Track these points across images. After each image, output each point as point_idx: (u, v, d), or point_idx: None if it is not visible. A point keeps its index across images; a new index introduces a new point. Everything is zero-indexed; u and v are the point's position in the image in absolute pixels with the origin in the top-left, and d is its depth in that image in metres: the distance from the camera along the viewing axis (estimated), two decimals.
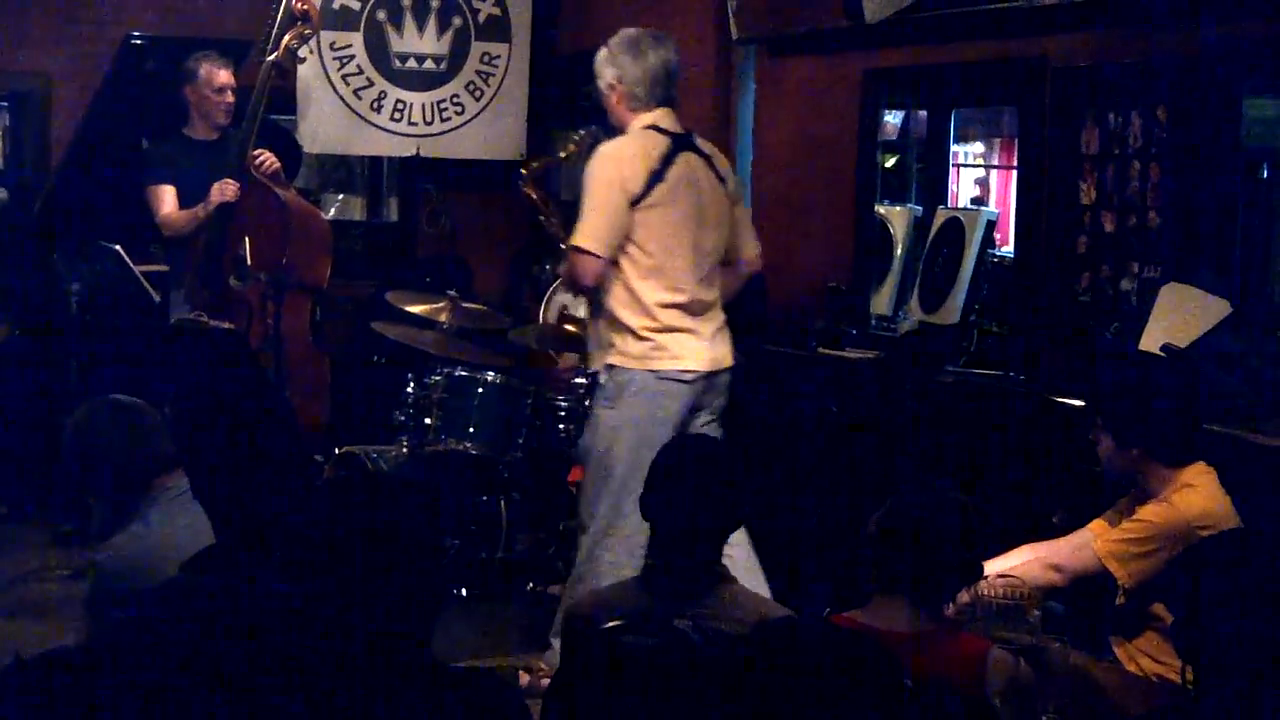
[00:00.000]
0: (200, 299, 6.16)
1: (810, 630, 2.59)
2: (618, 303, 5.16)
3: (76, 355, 6.52)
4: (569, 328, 6.33)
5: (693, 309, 5.18)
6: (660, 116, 5.26)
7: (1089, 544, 4.08)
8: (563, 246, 5.27)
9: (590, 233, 5.08)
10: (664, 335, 5.14)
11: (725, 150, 7.52)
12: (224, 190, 6.26)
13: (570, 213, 8.39)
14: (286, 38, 6.26)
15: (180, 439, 3.34)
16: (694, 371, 5.16)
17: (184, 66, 6.65)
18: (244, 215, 6.27)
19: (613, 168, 5.14)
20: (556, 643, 4.95)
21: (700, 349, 5.19)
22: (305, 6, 6.20)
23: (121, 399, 3.81)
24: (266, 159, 6.35)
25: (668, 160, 5.16)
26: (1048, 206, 5.89)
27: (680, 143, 5.23)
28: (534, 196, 5.50)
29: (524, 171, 5.54)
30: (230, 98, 6.58)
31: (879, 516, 3.41)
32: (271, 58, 6.37)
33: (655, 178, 5.12)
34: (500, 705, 2.61)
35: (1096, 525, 4.15)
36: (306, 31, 6.35)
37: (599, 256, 5.07)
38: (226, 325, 5.65)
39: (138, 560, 3.37)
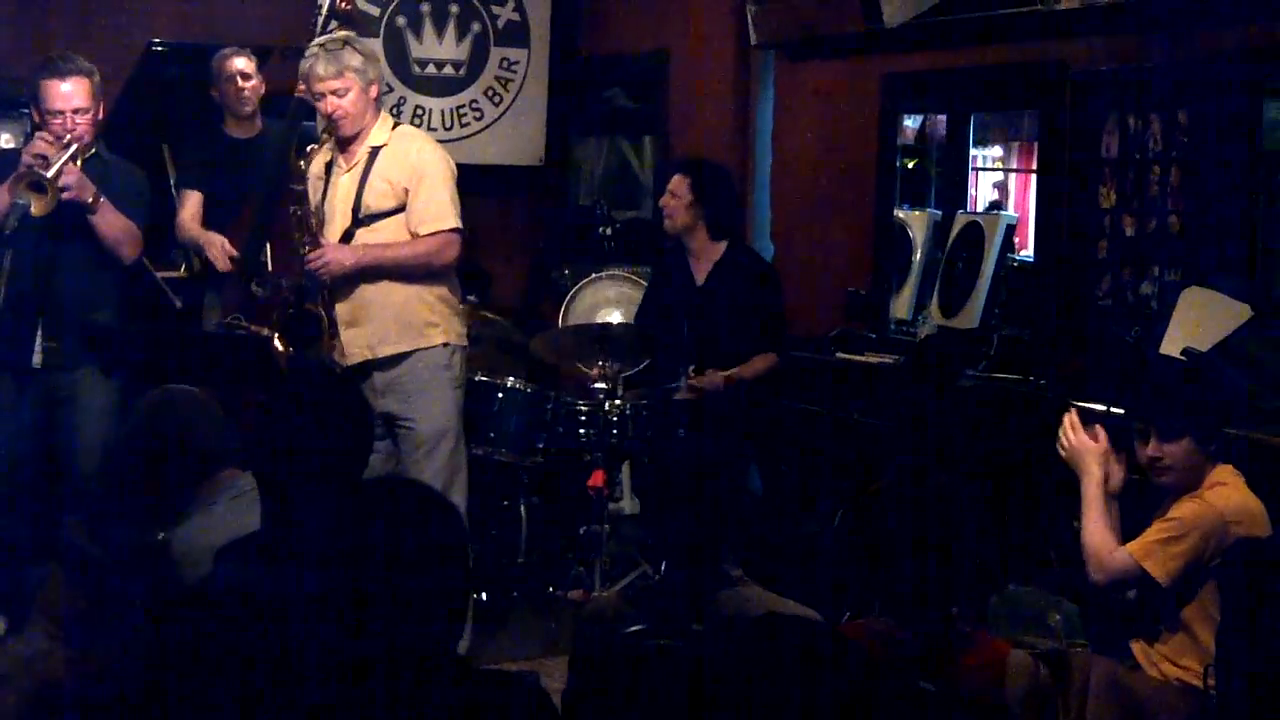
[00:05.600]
0: (236, 303, 6.16)
1: (820, 632, 2.58)
2: (450, 284, 5.63)
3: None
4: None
5: None
6: None
7: (1125, 547, 4.07)
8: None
9: (458, 214, 5.55)
10: None
11: (744, 155, 7.56)
12: (217, 258, 6.26)
13: (586, 215, 8.48)
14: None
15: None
16: None
17: (208, 68, 6.66)
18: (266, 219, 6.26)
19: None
20: None
21: None
22: (348, 7, 6.19)
23: (193, 389, 3.87)
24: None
25: None
26: (1068, 210, 5.88)
27: None
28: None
29: (302, 164, 5.55)
30: (246, 84, 6.55)
31: (893, 519, 3.41)
32: None
33: None
34: (530, 706, 2.62)
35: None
36: (350, 31, 6.32)
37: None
38: (264, 330, 5.66)
39: (202, 550, 3.37)
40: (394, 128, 5.61)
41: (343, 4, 6.10)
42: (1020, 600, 4.65)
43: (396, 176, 5.46)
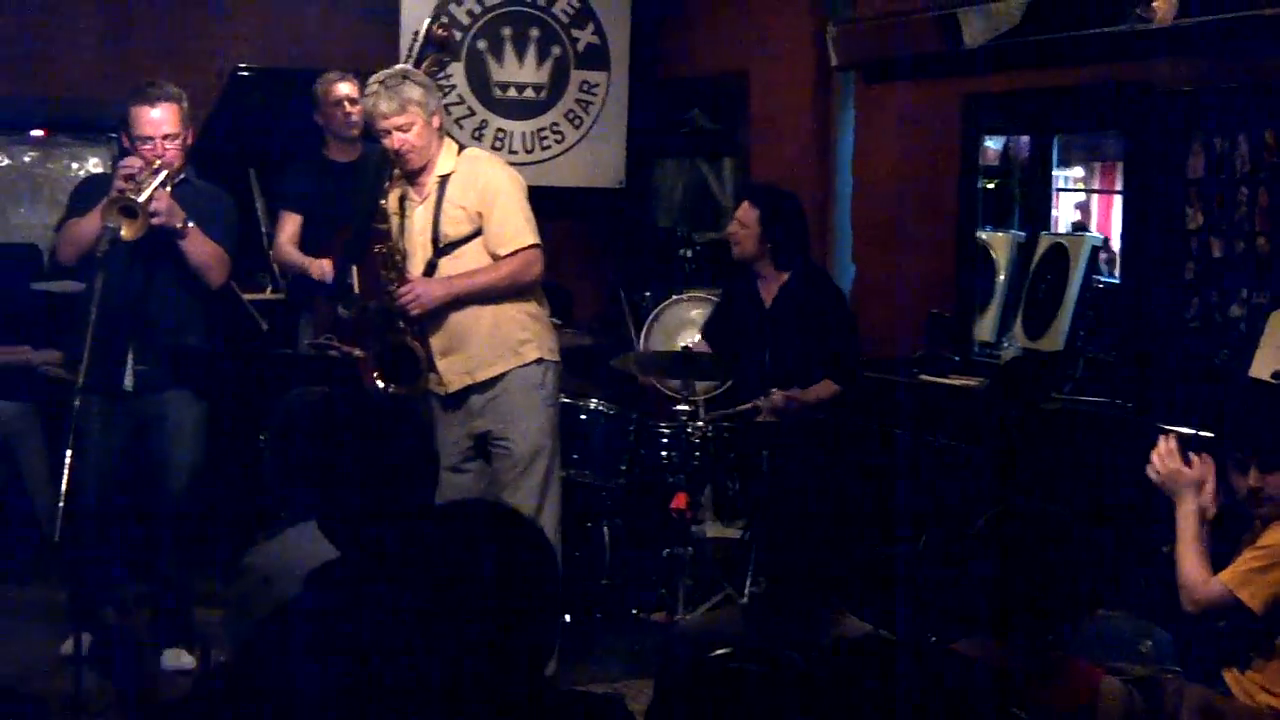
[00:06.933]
0: (330, 325, 6.21)
1: (917, 656, 2.57)
2: (538, 299, 5.68)
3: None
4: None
5: None
6: None
7: (1218, 576, 4.02)
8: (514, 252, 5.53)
9: (535, 229, 5.55)
10: None
11: (825, 177, 7.55)
12: (322, 270, 6.36)
13: (667, 236, 8.50)
14: (425, 63, 6.28)
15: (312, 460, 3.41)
16: None
17: (311, 92, 6.72)
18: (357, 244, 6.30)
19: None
20: None
21: None
22: (445, 33, 6.23)
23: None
24: None
25: None
26: (1154, 232, 5.83)
27: None
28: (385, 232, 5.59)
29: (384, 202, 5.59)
30: (353, 109, 6.61)
31: (985, 544, 3.39)
32: None
33: None
34: None
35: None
36: (445, 58, 6.37)
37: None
38: (357, 352, 5.71)
39: (289, 569, 3.38)
40: (459, 152, 5.64)
41: (439, 31, 6.14)
42: (1110, 626, 4.60)
43: (468, 201, 5.49)
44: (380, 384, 5.55)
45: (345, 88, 6.64)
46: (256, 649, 2.85)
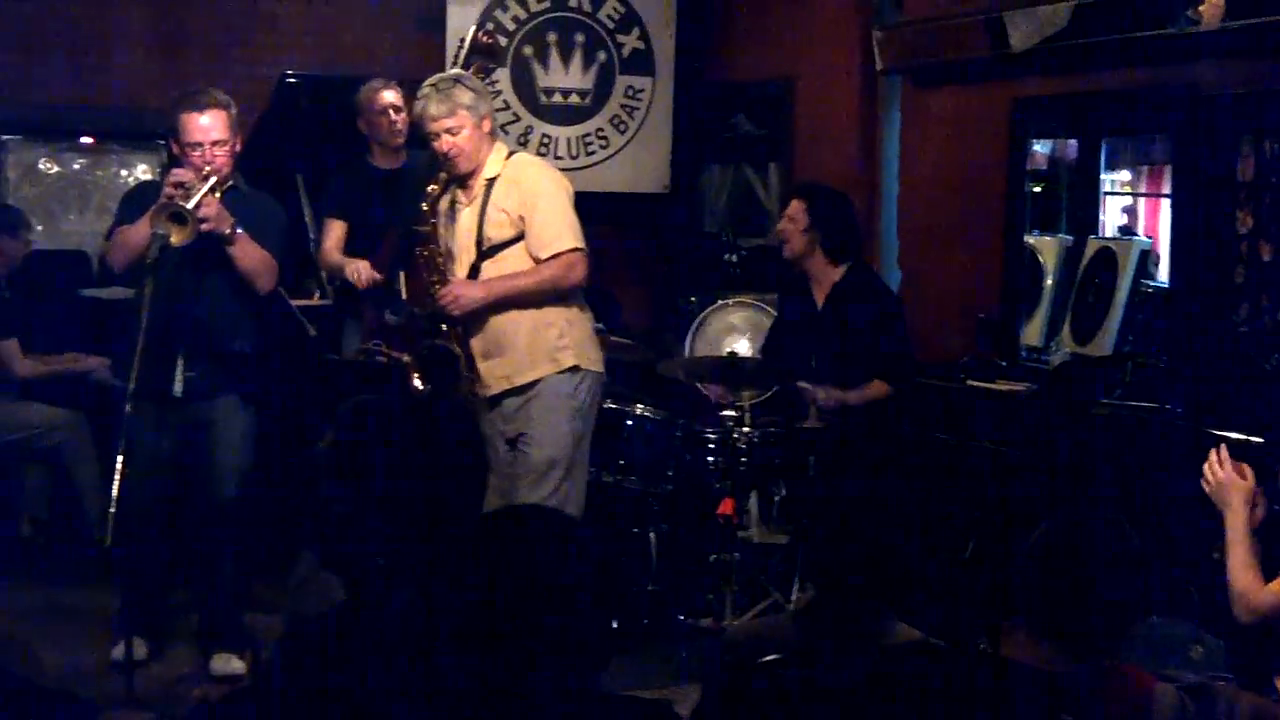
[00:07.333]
0: (378, 331, 6.24)
1: (967, 663, 2.56)
2: (579, 306, 5.66)
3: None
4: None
5: None
6: None
7: (1270, 586, 4.00)
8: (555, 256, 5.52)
9: (578, 234, 5.55)
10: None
11: (871, 182, 7.53)
12: (358, 273, 6.37)
13: (712, 242, 8.49)
14: (471, 70, 6.30)
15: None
16: None
17: (354, 100, 6.75)
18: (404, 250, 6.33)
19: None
20: None
21: None
22: (490, 40, 6.26)
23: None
24: None
25: None
26: (1203, 236, 5.80)
27: None
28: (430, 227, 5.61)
29: (426, 206, 5.59)
30: (398, 117, 6.64)
31: (1034, 550, 3.37)
32: None
33: None
34: None
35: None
36: (490, 65, 6.39)
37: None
38: (405, 357, 5.73)
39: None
40: (509, 156, 5.66)
41: (484, 38, 6.16)
42: (1160, 632, 4.57)
43: (511, 205, 5.51)
44: (419, 385, 5.57)
45: (389, 95, 6.66)
46: (309, 647, 2.86)
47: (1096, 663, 3.25)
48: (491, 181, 5.55)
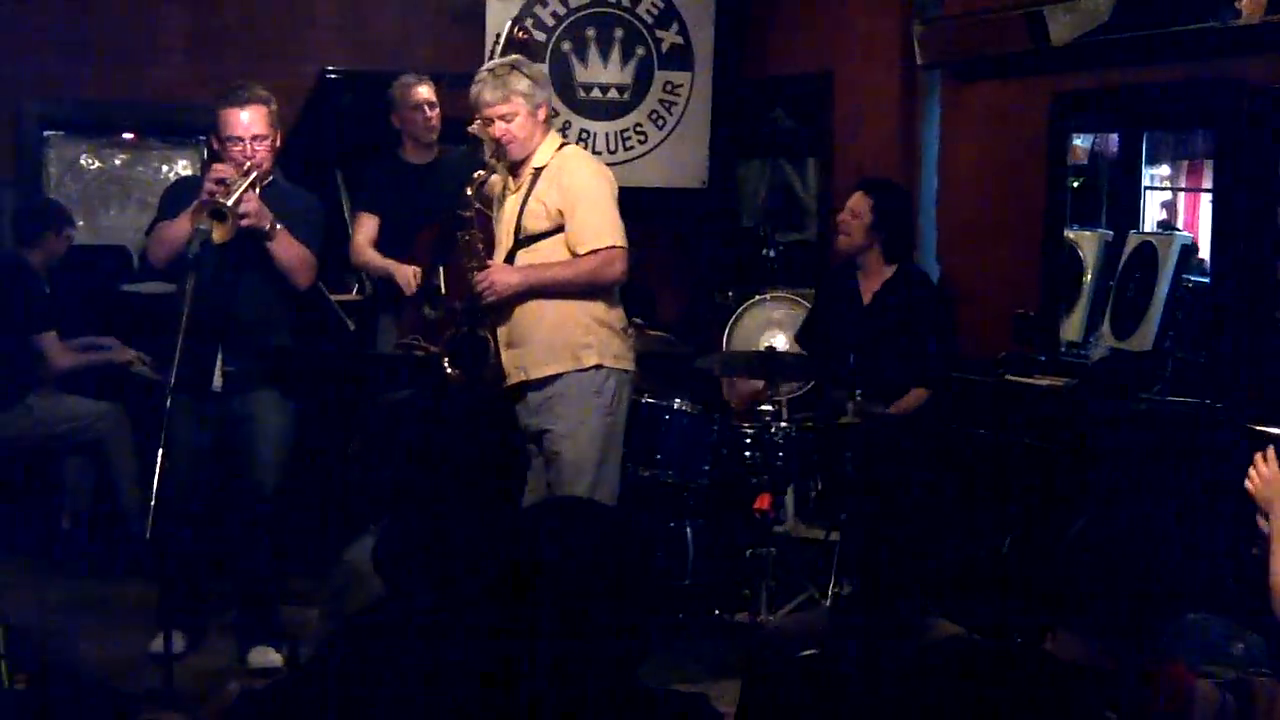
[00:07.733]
0: (412, 325, 6.24)
1: (1007, 658, 2.55)
2: (610, 304, 5.59)
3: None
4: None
5: None
6: None
7: None
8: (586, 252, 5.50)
9: (619, 231, 5.52)
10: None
11: (910, 176, 7.51)
12: (409, 283, 6.35)
13: (750, 237, 8.49)
14: None
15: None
16: None
17: (387, 95, 6.77)
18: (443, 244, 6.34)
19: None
20: None
21: None
22: (525, 36, 6.26)
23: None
24: None
25: None
26: (1244, 231, 5.76)
27: None
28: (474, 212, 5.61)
29: (469, 192, 5.57)
30: (432, 112, 6.66)
31: (1073, 545, 3.35)
32: None
33: None
34: None
35: None
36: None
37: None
38: (438, 347, 5.75)
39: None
40: (559, 148, 5.64)
41: (519, 33, 6.16)
42: (1200, 628, 4.55)
43: (551, 199, 5.50)
44: (449, 370, 5.57)
45: (423, 90, 6.67)
46: (349, 644, 2.87)
47: (1137, 659, 3.24)
48: (539, 171, 5.54)
